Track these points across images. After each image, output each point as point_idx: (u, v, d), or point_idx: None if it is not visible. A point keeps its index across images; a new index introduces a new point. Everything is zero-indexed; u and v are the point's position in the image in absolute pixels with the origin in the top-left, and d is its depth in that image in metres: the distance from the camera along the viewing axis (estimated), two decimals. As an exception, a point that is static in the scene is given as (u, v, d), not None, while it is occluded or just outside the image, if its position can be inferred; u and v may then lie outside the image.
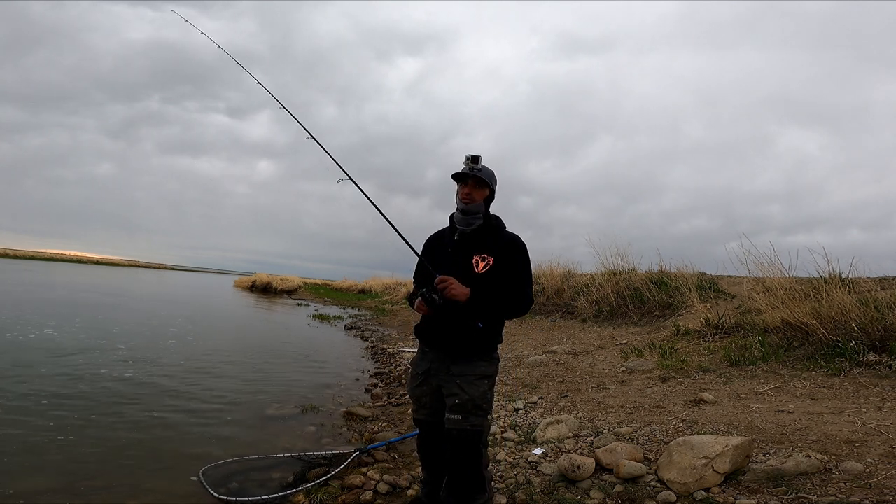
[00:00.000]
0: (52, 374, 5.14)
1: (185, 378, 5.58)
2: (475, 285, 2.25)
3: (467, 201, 2.34)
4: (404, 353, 8.41)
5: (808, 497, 2.40)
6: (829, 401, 3.77)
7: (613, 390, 4.81)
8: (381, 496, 2.84)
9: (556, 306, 10.83)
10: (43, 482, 2.84)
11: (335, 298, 26.41)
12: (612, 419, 3.90)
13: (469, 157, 2.33)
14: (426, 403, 2.43)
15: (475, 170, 2.32)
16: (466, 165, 2.34)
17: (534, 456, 3.30)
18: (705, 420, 3.56)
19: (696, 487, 2.58)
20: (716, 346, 5.82)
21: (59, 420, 3.84)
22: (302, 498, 2.77)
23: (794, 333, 5.24)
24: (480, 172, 2.33)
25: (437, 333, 2.36)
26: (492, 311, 2.28)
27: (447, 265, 2.35)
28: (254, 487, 2.99)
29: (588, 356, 6.64)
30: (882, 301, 4.86)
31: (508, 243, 2.36)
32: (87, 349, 6.65)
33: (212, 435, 3.85)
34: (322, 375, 6.45)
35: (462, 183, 2.37)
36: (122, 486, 2.88)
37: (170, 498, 2.80)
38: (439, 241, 2.52)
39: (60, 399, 4.35)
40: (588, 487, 2.76)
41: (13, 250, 72.72)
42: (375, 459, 3.39)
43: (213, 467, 3.15)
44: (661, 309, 8.40)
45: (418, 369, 2.47)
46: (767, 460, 2.76)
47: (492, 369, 2.37)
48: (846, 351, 4.49)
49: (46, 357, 5.89)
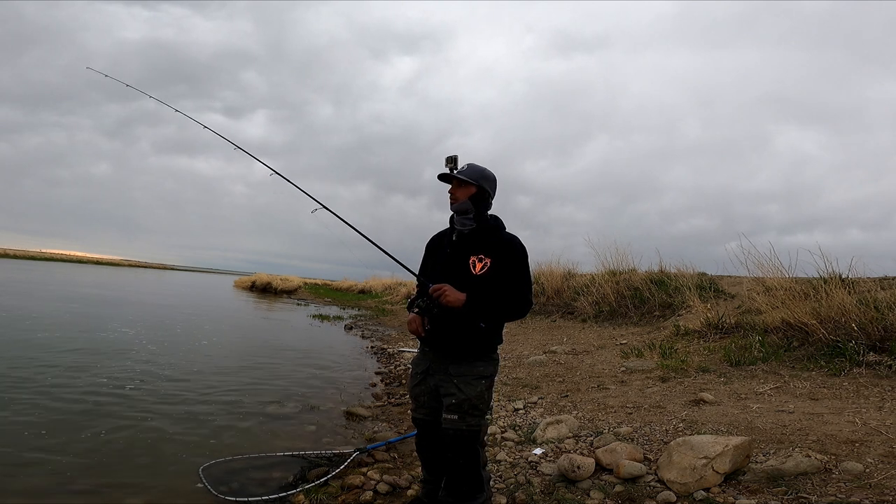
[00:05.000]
0: (51, 374, 5.13)
1: (186, 376, 5.58)
2: (473, 287, 2.25)
3: (452, 201, 2.40)
4: (404, 352, 8.42)
5: (808, 497, 2.40)
6: (829, 401, 3.77)
7: (613, 390, 4.81)
8: (381, 496, 2.84)
9: (556, 306, 10.83)
10: (43, 482, 2.84)
11: (335, 298, 26.41)
12: (612, 419, 3.90)
13: (447, 159, 2.39)
14: (424, 403, 2.44)
15: (453, 170, 2.38)
16: (446, 166, 2.40)
17: (534, 456, 3.30)
18: (705, 420, 3.56)
19: (696, 487, 2.58)
20: (716, 346, 5.83)
21: (59, 419, 3.84)
22: (302, 498, 2.77)
23: (794, 333, 5.24)
24: (462, 172, 2.37)
25: (437, 334, 2.36)
26: (489, 315, 2.27)
27: (445, 266, 2.36)
28: (254, 486, 2.99)
29: (588, 356, 6.64)
30: (882, 301, 4.86)
31: (507, 244, 2.36)
32: (84, 348, 6.65)
33: (212, 433, 3.85)
34: (322, 375, 6.45)
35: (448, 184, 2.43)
36: (123, 484, 2.88)
37: (170, 496, 2.80)
38: (439, 243, 2.53)
39: (60, 399, 4.35)
40: (588, 487, 2.77)
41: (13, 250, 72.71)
42: (375, 459, 3.39)
43: (213, 465, 3.16)
44: (661, 309, 8.40)
45: (418, 368, 2.48)
46: (767, 460, 2.76)
47: (490, 370, 2.37)
48: (846, 351, 4.49)
49: (41, 355, 5.89)
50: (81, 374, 5.27)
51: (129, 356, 6.43)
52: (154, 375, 5.52)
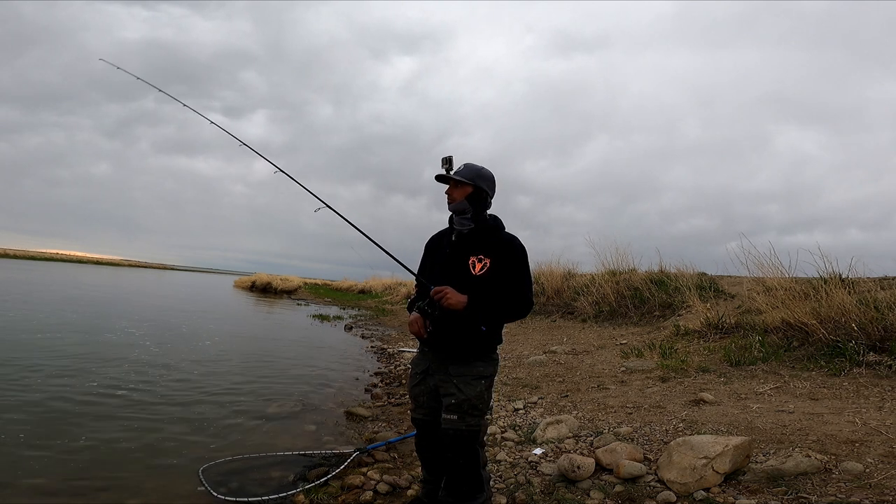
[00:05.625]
0: (52, 375, 5.13)
1: (185, 377, 5.58)
2: (472, 287, 2.25)
3: (449, 201, 2.41)
4: (404, 352, 8.42)
5: (808, 497, 2.40)
6: (829, 401, 3.77)
7: (613, 390, 4.81)
8: (381, 496, 2.84)
9: (556, 306, 10.83)
10: (43, 481, 2.84)
11: (335, 298, 26.40)
12: (612, 419, 3.90)
13: (443, 160, 2.41)
14: (424, 403, 2.44)
15: (449, 171, 2.39)
16: (442, 167, 2.41)
17: (534, 456, 3.30)
18: (705, 420, 3.56)
19: (695, 487, 2.58)
20: (716, 346, 5.83)
21: (59, 420, 3.84)
22: (302, 498, 2.77)
23: (794, 333, 5.24)
24: (458, 173, 2.38)
25: (437, 334, 2.36)
26: (491, 316, 2.27)
27: (444, 266, 2.36)
28: (254, 487, 2.99)
29: (588, 356, 6.64)
30: (882, 301, 4.86)
31: (506, 244, 2.36)
32: (86, 348, 6.65)
33: (212, 434, 3.85)
34: (322, 375, 6.45)
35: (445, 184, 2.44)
36: (123, 485, 2.88)
37: (170, 497, 2.80)
38: (438, 243, 2.53)
39: (61, 399, 4.35)
40: (588, 487, 2.77)
41: (13, 250, 72.69)
42: (375, 459, 3.39)
43: (213, 466, 3.16)
44: (661, 309, 8.40)
45: (417, 368, 2.48)
46: (767, 460, 2.76)
47: (490, 370, 2.36)
48: (846, 351, 4.49)
49: (42, 355, 5.89)
50: (82, 374, 5.26)
51: (130, 356, 6.43)
52: (154, 376, 5.52)
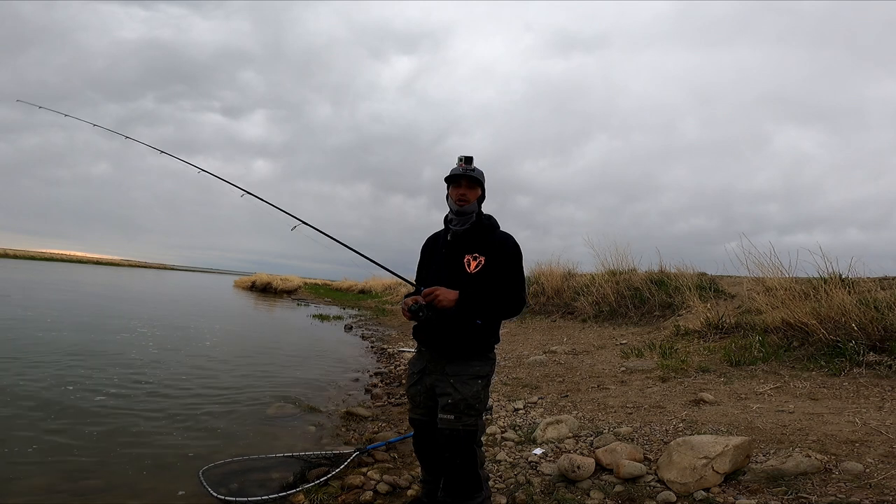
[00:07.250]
0: (51, 375, 5.13)
1: (186, 377, 5.58)
2: (466, 285, 2.25)
3: (462, 203, 2.35)
4: (404, 353, 8.42)
5: (808, 497, 2.40)
6: (829, 401, 3.77)
7: (613, 390, 4.81)
8: (381, 496, 2.84)
9: (556, 306, 10.83)
10: (43, 482, 2.84)
11: (335, 298, 26.41)
12: (612, 419, 3.90)
13: (462, 158, 2.35)
14: (421, 403, 2.43)
15: (469, 170, 2.35)
16: (460, 166, 2.36)
17: (534, 456, 3.30)
18: (705, 420, 3.56)
19: (696, 487, 2.58)
20: (716, 346, 5.83)
21: (59, 420, 3.84)
22: (302, 498, 2.77)
23: (794, 333, 5.24)
24: (474, 172, 2.36)
25: (433, 333, 2.36)
26: (482, 311, 2.27)
27: (440, 266, 2.37)
28: (254, 487, 2.99)
29: (588, 356, 6.64)
30: (882, 301, 4.86)
31: (501, 243, 2.36)
32: (85, 348, 6.65)
33: (212, 435, 3.85)
34: (322, 375, 6.45)
35: (455, 185, 2.38)
36: (123, 485, 2.88)
37: (170, 498, 2.80)
38: (434, 244, 2.54)
39: (61, 399, 4.35)
40: (588, 487, 2.76)
41: (13, 250, 72.69)
42: (375, 459, 3.39)
43: (213, 467, 3.15)
44: (661, 309, 8.40)
45: (414, 368, 2.48)
46: (767, 460, 2.76)
47: (486, 369, 2.36)
48: (846, 351, 4.49)
49: (40, 355, 5.89)
50: (81, 375, 5.26)
51: (129, 357, 6.43)
52: (155, 376, 5.52)
